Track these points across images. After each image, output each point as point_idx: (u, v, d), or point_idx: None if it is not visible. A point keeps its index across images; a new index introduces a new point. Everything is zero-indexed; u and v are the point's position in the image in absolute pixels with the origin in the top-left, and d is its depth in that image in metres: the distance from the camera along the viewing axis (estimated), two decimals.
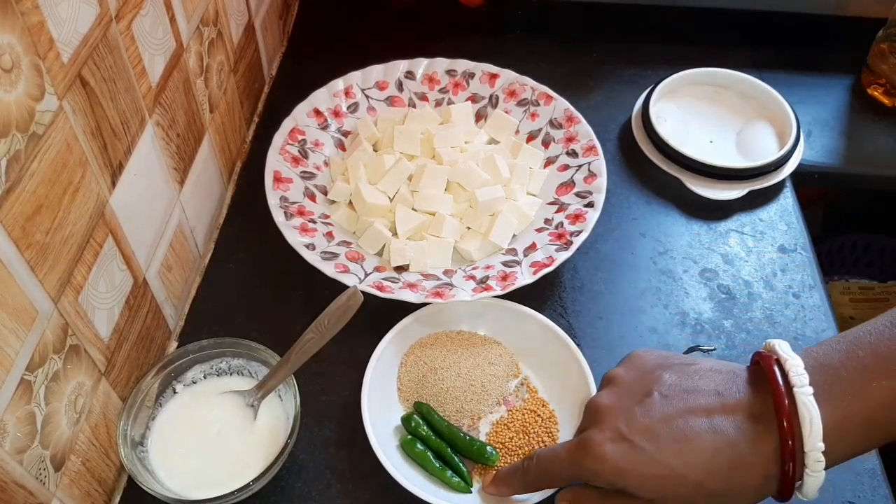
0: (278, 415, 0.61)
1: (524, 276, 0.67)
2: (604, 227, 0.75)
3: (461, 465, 0.59)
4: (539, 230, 0.73)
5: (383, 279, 0.68)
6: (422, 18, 1.00)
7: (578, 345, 0.64)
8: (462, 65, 0.84)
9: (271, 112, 0.86)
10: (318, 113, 0.80)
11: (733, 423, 0.45)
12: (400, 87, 0.84)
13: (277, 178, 0.74)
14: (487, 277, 0.68)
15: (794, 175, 0.81)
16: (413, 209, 0.73)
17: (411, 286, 0.67)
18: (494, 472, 0.58)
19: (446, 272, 0.70)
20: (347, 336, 0.59)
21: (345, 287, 0.61)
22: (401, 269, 0.71)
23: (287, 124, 0.78)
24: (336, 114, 0.81)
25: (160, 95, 0.62)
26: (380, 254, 0.72)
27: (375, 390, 0.61)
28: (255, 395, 0.60)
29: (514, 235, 0.73)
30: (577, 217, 0.72)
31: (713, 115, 0.86)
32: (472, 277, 0.69)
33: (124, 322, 0.59)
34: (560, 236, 0.71)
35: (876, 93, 0.91)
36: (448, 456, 0.59)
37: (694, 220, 0.79)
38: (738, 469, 0.44)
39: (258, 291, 0.72)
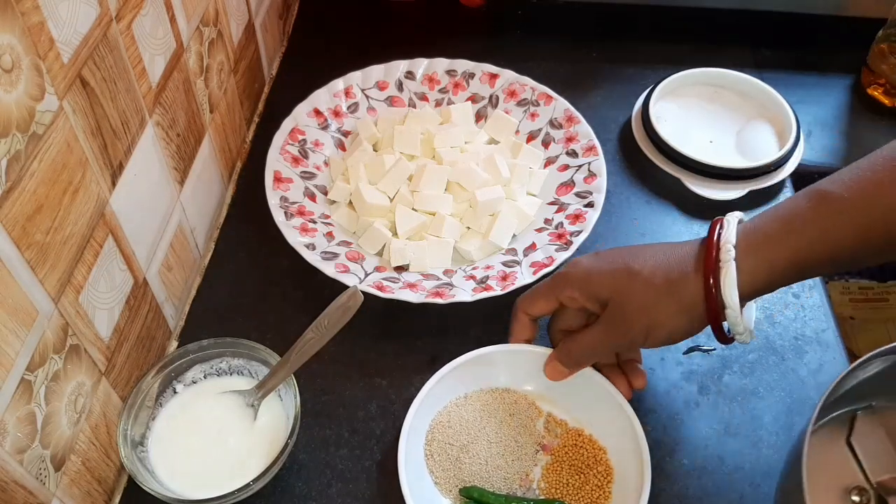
0: (278, 415, 0.61)
1: (524, 276, 0.67)
2: (604, 227, 0.75)
3: None
4: (539, 230, 0.73)
5: (383, 279, 0.68)
6: (422, 18, 1.00)
7: None
8: (462, 65, 0.85)
9: (271, 112, 0.86)
10: (318, 113, 0.80)
11: (675, 254, 0.56)
12: (400, 87, 0.84)
13: (278, 178, 0.74)
14: (487, 277, 0.68)
15: (795, 175, 0.81)
16: (413, 209, 0.73)
17: (411, 286, 0.67)
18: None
19: (446, 272, 0.70)
20: (347, 336, 0.59)
21: (345, 287, 0.61)
22: (401, 269, 0.71)
23: (287, 124, 0.78)
24: (336, 114, 0.81)
25: (160, 95, 0.62)
26: (380, 254, 0.72)
27: (416, 491, 0.55)
28: (256, 395, 0.60)
29: (514, 235, 0.73)
30: (577, 217, 0.72)
31: (713, 115, 0.86)
32: (472, 277, 0.69)
33: (124, 322, 0.59)
34: (560, 236, 0.71)
35: (876, 93, 0.91)
36: None
37: (694, 220, 0.79)
38: (677, 271, 0.54)
39: (258, 291, 0.72)
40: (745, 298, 0.52)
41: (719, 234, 0.53)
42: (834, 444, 0.50)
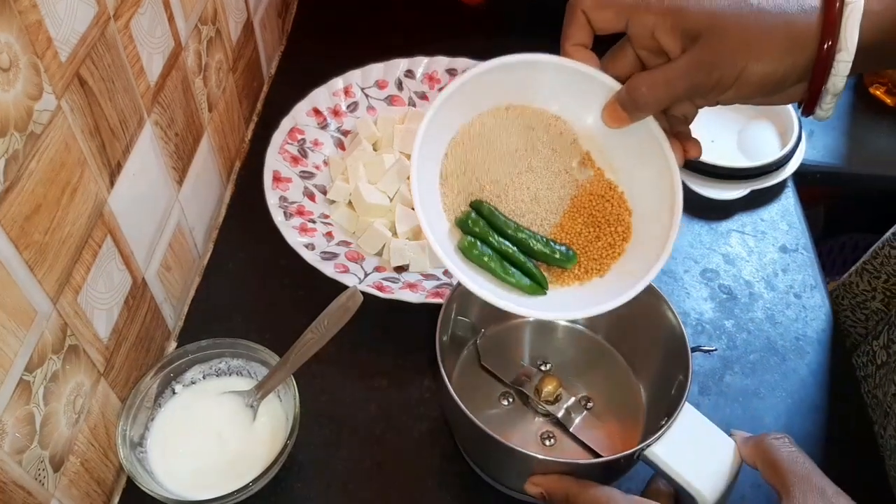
0: (278, 415, 0.60)
1: None
2: None
3: (532, 266, 0.51)
4: None
5: (383, 279, 0.68)
6: (422, 18, 1.00)
7: None
8: (462, 64, 0.84)
9: (270, 111, 0.86)
10: (317, 112, 0.80)
11: None
12: (400, 86, 0.84)
13: (277, 178, 0.73)
14: None
15: (796, 175, 0.81)
16: (413, 209, 0.72)
17: (411, 286, 0.67)
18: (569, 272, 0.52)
19: (446, 272, 0.70)
20: (347, 336, 0.59)
21: (344, 287, 0.61)
22: (401, 269, 0.70)
23: (286, 123, 0.78)
24: (335, 113, 0.81)
25: (158, 94, 0.62)
26: (379, 254, 0.71)
27: (422, 186, 0.49)
28: (255, 396, 0.60)
29: None
30: None
31: (714, 115, 0.85)
32: None
33: (123, 322, 0.59)
34: None
35: (878, 92, 0.91)
36: (516, 258, 0.51)
37: (695, 219, 0.79)
38: (794, 3, 0.46)
39: (258, 291, 0.72)
40: (861, 51, 0.46)
41: None
42: (476, 370, 0.62)
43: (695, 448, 0.50)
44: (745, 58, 0.46)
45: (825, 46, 0.45)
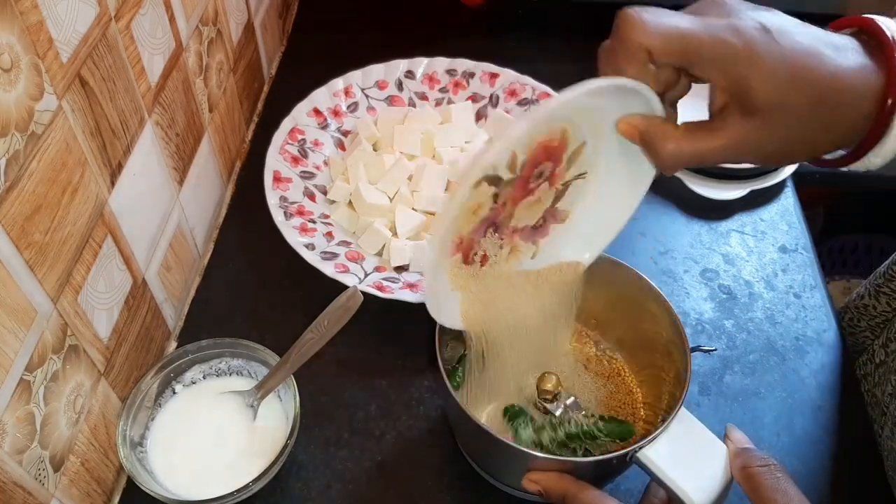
0: (278, 415, 0.61)
1: None
2: None
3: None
4: None
5: (383, 279, 0.68)
6: (422, 18, 1.00)
7: None
8: (462, 64, 0.84)
9: (271, 111, 0.86)
10: (317, 112, 0.80)
11: (838, 40, 0.44)
12: (400, 86, 0.84)
13: (277, 178, 0.73)
14: None
15: (796, 175, 0.81)
16: (413, 209, 0.73)
17: (411, 286, 0.67)
18: None
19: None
20: (347, 336, 0.59)
21: (344, 287, 0.61)
22: (401, 269, 0.70)
23: (287, 124, 0.78)
24: (336, 113, 0.81)
25: (159, 95, 0.62)
26: (380, 254, 0.72)
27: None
28: (255, 396, 0.60)
29: None
30: None
31: None
32: None
33: (123, 322, 0.59)
34: None
35: None
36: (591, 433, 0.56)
37: (694, 219, 0.79)
38: (842, 66, 0.42)
39: (258, 291, 0.72)
40: None
41: None
42: None
43: (688, 453, 0.50)
44: (800, 151, 0.43)
45: (871, 137, 0.42)
